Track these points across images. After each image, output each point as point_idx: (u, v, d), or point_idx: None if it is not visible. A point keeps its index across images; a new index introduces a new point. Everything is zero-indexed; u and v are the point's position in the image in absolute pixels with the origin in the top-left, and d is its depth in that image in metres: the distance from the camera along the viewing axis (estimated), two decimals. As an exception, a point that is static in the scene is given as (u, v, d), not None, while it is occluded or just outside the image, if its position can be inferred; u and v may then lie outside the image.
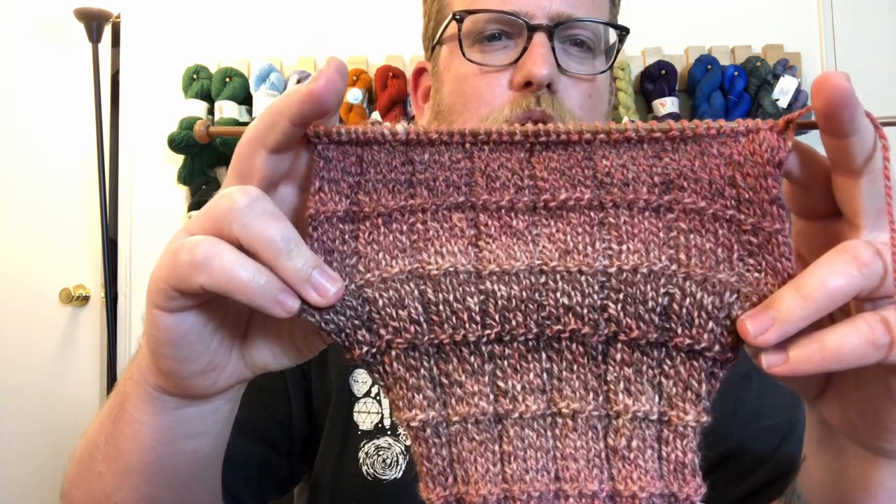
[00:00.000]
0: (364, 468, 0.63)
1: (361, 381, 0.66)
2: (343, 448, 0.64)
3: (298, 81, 1.66)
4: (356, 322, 0.33)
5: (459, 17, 0.62)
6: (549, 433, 0.34)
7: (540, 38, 0.60)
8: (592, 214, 0.34)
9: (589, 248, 0.33)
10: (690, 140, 0.32)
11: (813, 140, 0.33)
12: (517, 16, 0.61)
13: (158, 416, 0.39)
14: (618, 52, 0.68)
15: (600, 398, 0.34)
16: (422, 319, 0.34)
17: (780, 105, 1.67)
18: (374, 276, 0.34)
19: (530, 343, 0.34)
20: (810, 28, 1.83)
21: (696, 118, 1.66)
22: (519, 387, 0.34)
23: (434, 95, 0.69)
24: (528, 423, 0.34)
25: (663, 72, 1.69)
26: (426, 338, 0.34)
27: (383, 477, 0.63)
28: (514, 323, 0.34)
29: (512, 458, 0.34)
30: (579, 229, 0.34)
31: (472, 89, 0.63)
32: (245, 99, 1.69)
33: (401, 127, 0.33)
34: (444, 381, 0.35)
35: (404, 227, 0.34)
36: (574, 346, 0.34)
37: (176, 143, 1.63)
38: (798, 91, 1.68)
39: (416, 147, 0.33)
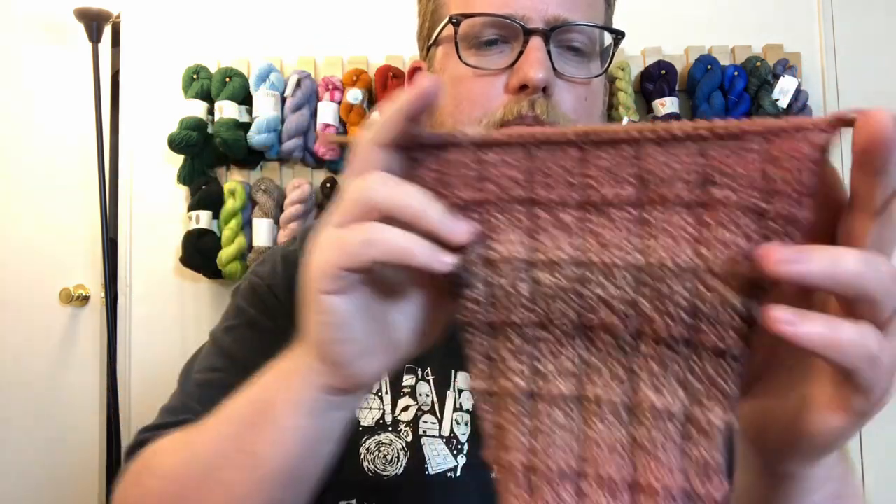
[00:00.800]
0: (365, 464, 0.64)
1: None
2: (345, 444, 0.64)
3: (298, 81, 1.66)
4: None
5: (456, 21, 0.63)
6: (575, 415, 0.36)
7: (536, 42, 0.60)
8: (631, 210, 0.35)
9: (625, 243, 0.35)
10: (734, 137, 0.32)
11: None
12: (513, 19, 0.61)
13: (310, 418, 0.41)
14: (613, 55, 0.68)
15: (627, 389, 0.35)
16: (483, 300, 0.37)
17: (780, 105, 1.67)
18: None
19: (567, 330, 0.36)
20: (810, 28, 1.83)
21: (696, 118, 1.66)
22: (553, 369, 0.37)
23: None
24: (558, 403, 0.36)
25: (663, 72, 1.69)
26: (483, 318, 0.38)
27: (384, 473, 0.63)
28: (555, 310, 0.36)
29: (539, 434, 0.36)
30: (618, 224, 0.35)
31: (466, 91, 0.63)
32: (245, 99, 1.69)
33: (472, 130, 0.37)
34: (493, 356, 0.38)
35: (475, 217, 0.37)
36: (606, 336, 0.36)
37: (176, 143, 1.63)
38: (798, 91, 1.68)
39: (485, 147, 0.37)
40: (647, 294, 0.34)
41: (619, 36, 0.66)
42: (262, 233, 1.65)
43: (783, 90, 1.68)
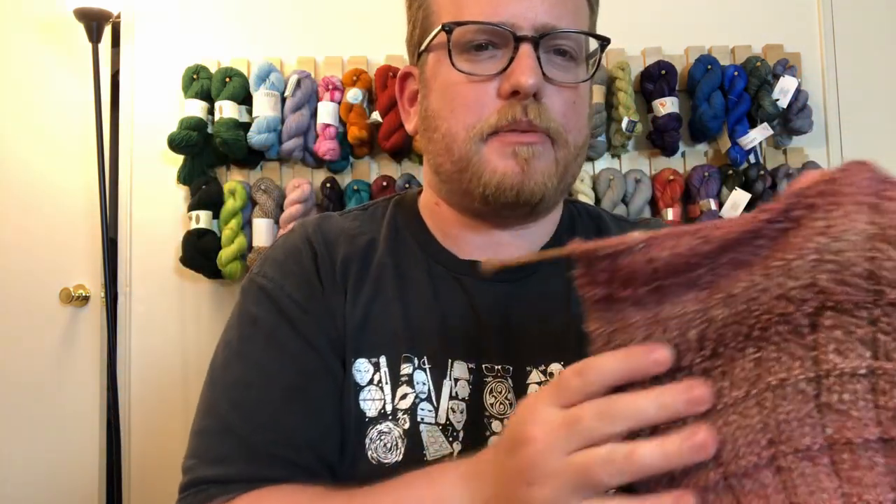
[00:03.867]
0: (369, 453, 0.65)
1: (364, 370, 0.66)
2: (353, 436, 0.65)
3: (298, 81, 1.66)
4: None
5: (448, 28, 0.65)
6: (754, 409, 0.37)
7: (526, 49, 0.62)
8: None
9: (808, 232, 0.36)
10: None
11: (812, 140, 0.33)
12: (504, 27, 0.63)
13: None
14: (599, 60, 0.70)
15: (808, 363, 0.36)
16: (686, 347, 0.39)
17: (780, 105, 1.67)
18: (617, 325, 0.40)
19: (739, 345, 0.38)
20: (810, 28, 1.83)
21: (696, 118, 1.67)
22: (727, 384, 0.38)
23: (421, 101, 0.71)
24: (735, 408, 0.37)
25: (663, 72, 1.69)
26: (695, 360, 0.39)
27: (385, 461, 0.64)
28: (729, 335, 0.38)
29: (724, 444, 0.37)
30: (803, 223, 0.36)
31: (460, 97, 0.65)
32: (245, 99, 1.69)
33: (638, 235, 0.39)
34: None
35: (646, 291, 0.39)
36: (782, 327, 0.37)
37: (176, 143, 1.63)
38: (798, 91, 1.68)
39: (655, 247, 0.39)
40: (827, 269, 0.35)
41: (604, 42, 0.69)
42: (262, 233, 1.65)
43: (783, 90, 1.68)
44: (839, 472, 0.35)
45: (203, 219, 1.65)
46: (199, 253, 1.63)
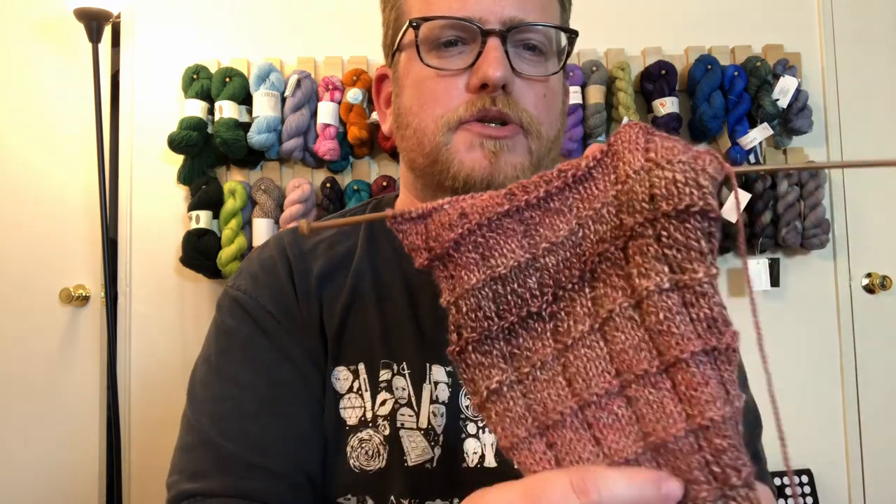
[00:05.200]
0: (351, 461, 0.65)
1: (343, 378, 0.67)
2: (334, 445, 0.66)
3: (298, 81, 1.66)
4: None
5: (416, 25, 0.65)
6: (600, 342, 0.39)
7: (493, 43, 0.63)
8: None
9: (605, 184, 0.40)
10: None
11: (812, 140, 0.33)
12: (471, 21, 0.63)
13: None
14: (568, 54, 0.70)
15: (628, 291, 0.39)
16: (493, 314, 0.41)
17: (780, 105, 1.67)
18: (459, 290, 0.41)
19: (576, 286, 0.41)
20: (810, 28, 1.83)
21: (696, 118, 1.67)
22: (571, 322, 0.40)
23: (394, 100, 0.72)
24: (581, 342, 0.40)
25: (663, 72, 1.69)
26: (496, 326, 0.41)
27: (368, 468, 0.64)
28: (563, 279, 0.41)
29: (576, 378, 0.39)
30: (596, 176, 0.41)
31: (429, 92, 0.66)
32: (245, 99, 1.69)
33: (446, 199, 0.42)
34: (516, 352, 0.41)
35: (470, 247, 0.41)
36: (604, 265, 0.40)
37: (176, 143, 1.63)
38: (798, 91, 1.68)
39: (460, 201, 0.42)
40: (623, 207, 0.39)
41: (573, 35, 0.69)
42: (262, 233, 1.65)
43: (783, 90, 1.68)
44: (679, 393, 0.36)
45: (203, 219, 1.65)
46: (199, 253, 1.63)
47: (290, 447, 0.64)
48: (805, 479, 1.68)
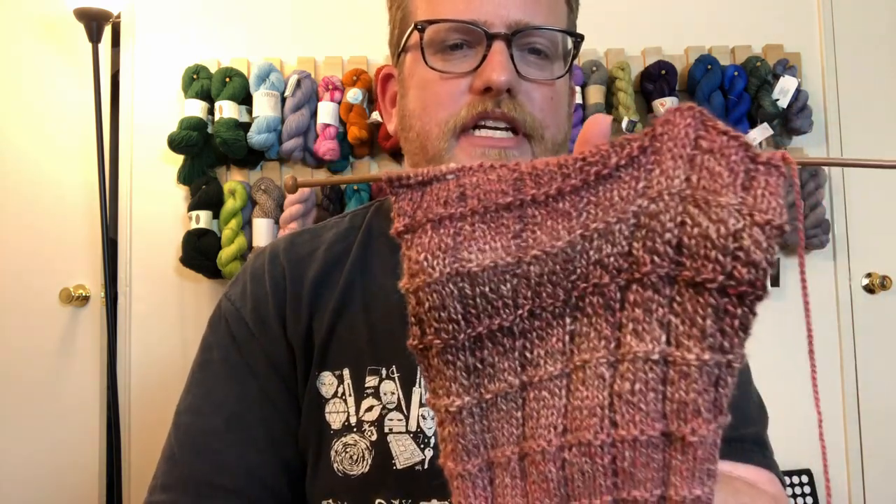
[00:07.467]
0: (335, 465, 0.65)
1: (328, 382, 0.67)
2: (318, 449, 0.66)
3: (298, 81, 1.66)
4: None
5: (421, 27, 0.65)
6: (562, 391, 0.36)
7: (498, 46, 0.62)
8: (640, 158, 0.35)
9: (630, 192, 0.34)
10: None
11: (812, 140, 0.33)
12: (476, 25, 0.63)
13: None
14: (574, 57, 0.70)
15: (612, 345, 0.35)
16: (460, 317, 0.36)
17: (780, 105, 1.67)
18: (420, 279, 0.36)
19: (557, 310, 0.36)
20: (810, 28, 1.83)
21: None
22: (543, 353, 0.36)
23: (399, 101, 0.72)
24: (546, 385, 0.36)
25: (663, 72, 1.69)
26: (462, 335, 0.36)
27: (352, 472, 0.65)
28: (544, 295, 0.36)
29: (528, 420, 0.36)
30: (624, 178, 0.35)
31: (433, 94, 0.65)
32: (245, 99, 1.69)
33: (453, 165, 0.37)
34: (479, 366, 0.37)
35: (451, 231, 0.36)
36: (595, 299, 0.35)
37: (176, 143, 1.63)
38: (798, 91, 1.68)
39: (466, 176, 0.37)
40: (643, 235, 0.33)
41: (578, 39, 0.68)
42: (262, 233, 1.65)
43: (783, 90, 1.68)
44: (617, 469, 0.34)
45: (203, 219, 1.65)
46: (199, 253, 1.63)
47: (254, 465, 0.65)
48: (805, 479, 1.68)
